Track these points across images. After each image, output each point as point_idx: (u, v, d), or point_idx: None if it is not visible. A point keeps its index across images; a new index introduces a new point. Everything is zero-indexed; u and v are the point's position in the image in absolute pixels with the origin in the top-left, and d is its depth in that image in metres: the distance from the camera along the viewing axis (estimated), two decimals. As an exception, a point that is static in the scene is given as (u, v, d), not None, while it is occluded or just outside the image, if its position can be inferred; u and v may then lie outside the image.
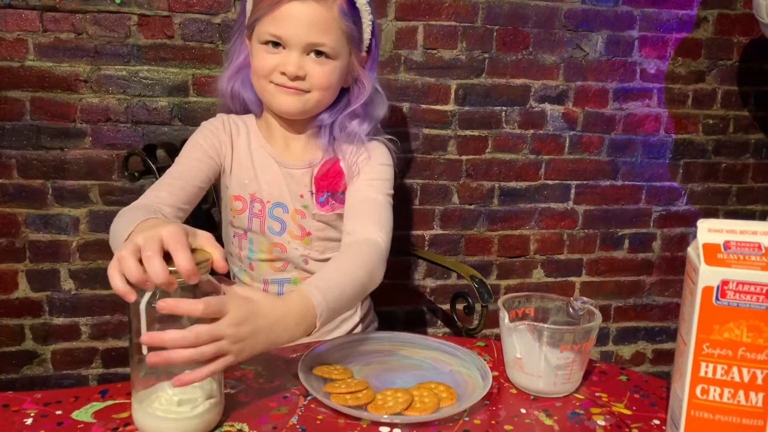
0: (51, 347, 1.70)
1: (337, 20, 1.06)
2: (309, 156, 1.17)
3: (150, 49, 1.59)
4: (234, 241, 1.19)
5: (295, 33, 1.04)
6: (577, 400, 0.79)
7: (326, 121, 1.15)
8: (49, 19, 1.53)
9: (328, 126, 1.15)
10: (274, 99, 1.09)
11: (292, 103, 1.09)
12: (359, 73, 1.14)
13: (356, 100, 1.15)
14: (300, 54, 1.05)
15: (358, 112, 1.15)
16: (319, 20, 1.04)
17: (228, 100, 1.19)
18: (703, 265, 0.62)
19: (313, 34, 1.04)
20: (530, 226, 1.89)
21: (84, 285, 1.68)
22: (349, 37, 1.09)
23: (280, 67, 1.06)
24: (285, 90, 1.07)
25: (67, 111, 1.59)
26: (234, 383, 0.80)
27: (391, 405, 0.73)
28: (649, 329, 2.05)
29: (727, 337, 0.62)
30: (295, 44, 1.04)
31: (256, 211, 1.14)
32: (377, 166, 1.16)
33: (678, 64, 1.87)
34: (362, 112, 1.16)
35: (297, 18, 1.03)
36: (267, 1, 1.04)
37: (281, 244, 1.15)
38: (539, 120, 1.82)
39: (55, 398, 0.75)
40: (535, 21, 1.75)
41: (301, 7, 1.03)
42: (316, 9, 1.03)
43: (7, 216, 1.61)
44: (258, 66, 1.08)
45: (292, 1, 1.02)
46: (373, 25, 1.14)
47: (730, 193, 2.00)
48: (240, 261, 1.19)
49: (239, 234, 1.17)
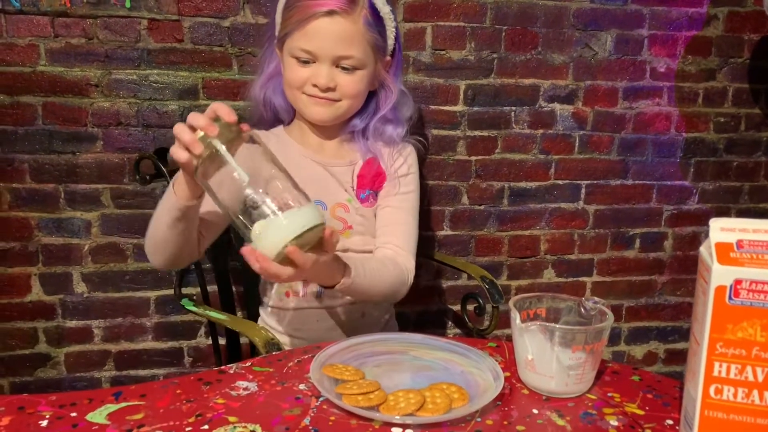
0: (64, 350, 1.72)
1: (363, 32, 1.11)
2: (347, 156, 1.23)
3: (160, 53, 1.60)
4: None
5: (325, 47, 1.09)
6: (590, 401, 0.79)
7: (359, 126, 1.22)
8: (60, 25, 1.55)
9: (361, 130, 1.22)
10: (307, 109, 1.15)
11: (324, 112, 1.15)
12: (385, 77, 1.20)
13: (384, 104, 1.21)
14: (330, 66, 1.11)
15: (389, 116, 1.22)
16: (346, 34, 1.09)
17: (261, 107, 1.25)
18: (716, 265, 0.62)
19: (341, 47, 1.10)
20: (540, 226, 1.89)
21: (96, 288, 1.69)
22: (374, 46, 1.15)
23: (311, 80, 1.11)
24: (317, 100, 1.13)
25: (79, 115, 1.60)
26: (246, 384, 0.80)
27: (403, 406, 0.73)
28: (661, 329, 2.04)
29: (740, 336, 0.62)
30: (325, 58, 1.10)
31: None
32: (411, 176, 1.25)
33: (688, 63, 1.86)
34: (393, 116, 1.23)
35: (325, 33, 1.08)
36: (296, 17, 1.09)
37: None
38: (549, 120, 1.82)
39: (69, 400, 0.76)
40: (543, 21, 1.75)
41: (329, 22, 1.08)
42: (343, 23, 1.08)
43: (20, 220, 1.63)
44: (291, 78, 1.14)
45: (321, 17, 1.07)
46: (396, 30, 1.19)
47: (742, 192, 1.99)
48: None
49: None
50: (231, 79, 1.64)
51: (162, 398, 0.76)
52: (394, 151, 1.24)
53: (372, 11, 1.12)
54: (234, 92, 1.64)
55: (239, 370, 0.85)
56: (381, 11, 1.14)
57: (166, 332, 1.75)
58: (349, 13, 1.09)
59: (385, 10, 1.15)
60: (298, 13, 1.08)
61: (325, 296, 1.19)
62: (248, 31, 1.62)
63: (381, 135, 1.22)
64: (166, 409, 0.74)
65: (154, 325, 1.74)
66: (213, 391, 0.78)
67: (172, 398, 0.77)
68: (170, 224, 0.97)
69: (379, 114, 1.21)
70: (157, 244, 1.02)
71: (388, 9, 1.15)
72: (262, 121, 1.27)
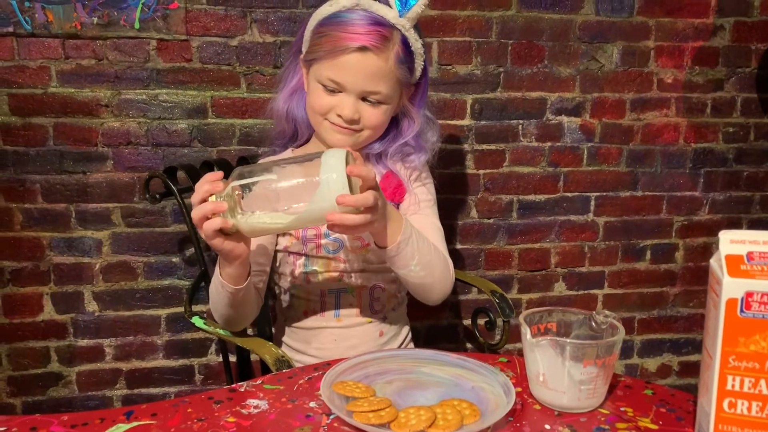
0: (76, 369, 1.72)
1: (393, 70, 1.10)
2: None
3: (169, 73, 1.62)
4: (289, 260, 1.20)
5: (354, 82, 1.08)
6: (602, 415, 0.78)
7: (376, 150, 1.20)
8: (71, 47, 1.57)
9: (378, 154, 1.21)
10: (328, 135, 1.14)
11: (345, 140, 1.14)
12: (408, 107, 1.19)
13: (407, 132, 1.20)
14: (355, 99, 1.10)
15: (411, 143, 1.21)
16: (376, 71, 1.08)
17: (283, 120, 1.23)
18: (726, 277, 0.61)
19: (370, 83, 1.08)
20: (550, 239, 1.88)
21: (107, 307, 1.70)
22: (402, 82, 1.14)
23: (336, 110, 1.10)
24: (339, 129, 1.12)
25: (89, 135, 1.62)
26: (257, 402, 0.80)
27: (414, 423, 0.72)
28: (674, 341, 2.02)
29: (753, 349, 0.62)
30: (352, 91, 1.09)
31: (310, 236, 1.16)
32: (429, 185, 1.26)
33: (695, 73, 1.86)
34: (416, 143, 1.21)
35: (356, 69, 1.07)
36: (328, 46, 1.07)
37: (338, 257, 1.17)
38: (556, 132, 1.82)
39: (81, 420, 0.76)
40: (549, 34, 1.75)
41: (361, 58, 1.06)
42: (374, 60, 1.07)
43: (32, 240, 1.64)
44: (315, 104, 1.12)
45: (353, 52, 1.06)
46: (425, 63, 1.17)
47: (753, 202, 1.98)
48: (294, 278, 1.21)
49: (294, 255, 1.19)
50: (239, 98, 1.65)
51: (173, 417, 0.76)
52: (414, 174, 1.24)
53: (404, 47, 1.10)
54: (242, 110, 1.65)
55: (250, 388, 0.85)
56: (412, 46, 1.12)
57: (176, 350, 1.75)
58: (382, 50, 1.07)
59: (417, 46, 1.12)
60: (330, 43, 1.07)
61: (343, 316, 1.19)
62: (256, 50, 1.63)
63: (402, 161, 1.22)
64: (177, 428, 0.74)
65: (164, 343, 1.74)
66: (224, 410, 0.78)
67: (183, 417, 0.76)
68: (230, 305, 1.03)
69: (400, 141, 1.20)
70: (226, 319, 1.09)
71: (420, 44, 1.13)
72: (281, 136, 1.26)
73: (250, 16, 1.62)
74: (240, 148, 1.67)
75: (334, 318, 1.19)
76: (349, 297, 1.19)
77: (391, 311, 1.24)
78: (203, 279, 1.42)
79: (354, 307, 1.19)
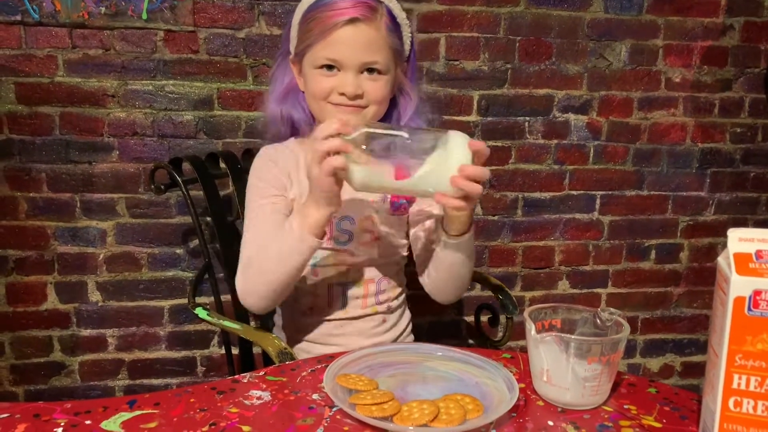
0: (78, 358, 1.73)
1: (385, 37, 1.11)
2: None
3: (176, 64, 1.62)
4: None
5: (350, 55, 1.09)
6: (606, 413, 0.78)
7: None
8: (78, 36, 1.57)
9: None
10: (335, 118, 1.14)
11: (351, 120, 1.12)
12: (404, 82, 1.20)
13: (405, 111, 1.21)
14: (355, 74, 1.10)
15: (411, 124, 1.20)
16: (370, 40, 1.10)
17: (278, 123, 1.24)
18: (734, 275, 0.61)
19: (366, 54, 1.10)
20: (555, 237, 1.88)
21: (111, 297, 1.70)
22: (395, 51, 1.15)
23: (338, 88, 1.11)
24: (344, 109, 1.12)
25: (95, 125, 1.62)
26: (260, 394, 0.80)
27: (417, 417, 0.72)
28: (677, 341, 2.02)
29: (760, 348, 0.61)
30: (351, 65, 1.10)
31: None
32: None
33: (704, 73, 1.85)
34: (415, 123, 1.21)
35: (351, 41, 1.08)
36: (318, 28, 1.09)
37: (348, 250, 1.17)
38: (563, 130, 1.81)
39: (84, 408, 0.76)
40: (558, 31, 1.75)
41: (354, 30, 1.08)
42: (366, 30, 1.09)
43: (36, 229, 1.64)
44: (316, 89, 1.13)
45: (344, 26, 1.07)
46: (411, 37, 1.20)
47: (759, 203, 1.97)
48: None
49: None
50: (246, 90, 1.65)
51: (176, 407, 0.76)
52: None
53: (390, 17, 1.13)
54: (249, 103, 1.65)
55: (253, 379, 0.85)
56: (398, 17, 1.15)
57: (179, 341, 1.76)
58: (372, 20, 1.09)
59: (402, 16, 1.16)
60: (320, 25, 1.09)
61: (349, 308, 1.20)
62: (263, 42, 1.63)
63: None
64: (180, 417, 0.74)
65: (167, 334, 1.75)
66: (227, 400, 0.78)
67: (185, 407, 0.77)
68: (301, 267, 1.04)
69: (404, 120, 1.21)
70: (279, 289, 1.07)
71: (404, 15, 1.17)
72: (278, 137, 1.27)
73: (258, 8, 1.61)
74: (246, 141, 1.67)
75: (340, 310, 1.19)
76: (355, 290, 1.19)
77: (394, 300, 1.25)
78: (207, 271, 1.42)
79: (360, 299, 1.20)
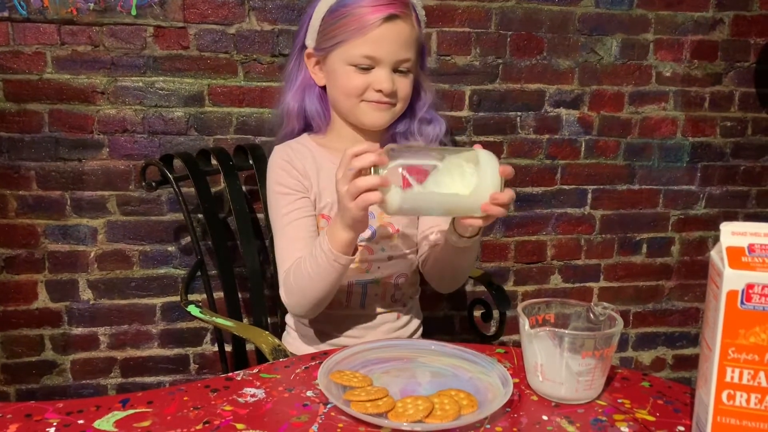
0: (70, 357, 1.72)
1: (417, 33, 1.13)
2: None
3: (166, 60, 1.60)
4: None
5: (390, 52, 1.10)
6: (600, 407, 0.78)
7: (401, 129, 1.22)
8: (67, 32, 1.55)
9: (402, 133, 1.22)
10: (366, 116, 1.15)
11: (384, 116, 1.15)
12: (421, 77, 1.22)
13: (424, 104, 1.23)
14: (389, 71, 1.11)
15: (427, 116, 1.23)
16: (408, 37, 1.11)
17: (294, 119, 1.24)
18: (727, 269, 0.61)
19: (402, 51, 1.11)
20: (547, 231, 1.88)
21: (102, 295, 1.69)
22: (419, 47, 1.16)
23: (374, 85, 1.11)
24: (378, 106, 1.13)
25: (85, 122, 1.60)
26: (253, 391, 0.80)
27: (412, 413, 0.72)
28: (668, 335, 2.03)
29: (753, 341, 0.61)
30: (387, 62, 1.10)
31: None
32: None
33: (694, 67, 1.85)
34: (431, 115, 1.24)
35: (390, 38, 1.09)
36: (355, 25, 1.08)
37: (368, 246, 1.17)
38: (554, 125, 1.82)
39: (76, 407, 0.75)
40: (549, 26, 1.75)
41: (393, 27, 1.09)
42: (404, 27, 1.10)
43: (26, 227, 1.63)
44: (349, 86, 1.12)
45: (384, 23, 1.07)
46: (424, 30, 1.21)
47: (749, 196, 1.98)
48: None
49: None
50: (236, 86, 1.64)
51: (169, 405, 0.76)
52: None
53: (415, 12, 1.15)
54: (239, 99, 1.64)
55: (246, 376, 0.84)
56: (419, 14, 1.16)
57: (172, 339, 1.75)
58: (408, 15, 1.10)
59: (422, 13, 1.17)
60: (355, 21, 1.08)
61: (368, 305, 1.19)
62: (254, 37, 1.62)
63: (423, 135, 1.22)
64: (174, 416, 0.74)
65: (160, 332, 1.74)
66: (220, 398, 0.78)
67: (179, 405, 0.76)
68: (337, 281, 1.04)
69: (419, 115, 1.22)
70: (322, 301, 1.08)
71: (423, 12, 1.18)
72: (291, 134, 1.25)
73: (248, 3, 1.60)
74: (237, 137, 1.66)
75: (359, 308, 1.19)
76: (375, 287, 1.19)
77: (409, 299, 1.25)
78: (199, 268, 1.42)
79: (378, 296, 1.20)
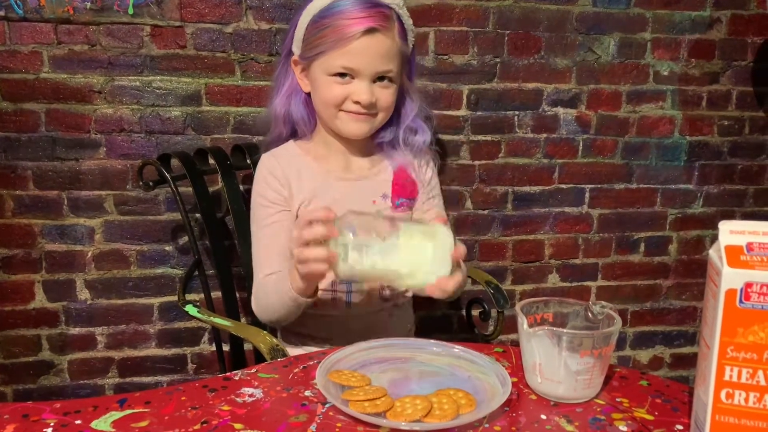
0: (67, 357, 1.71)
1: (398, 45, 1.13)
2: (376, 167, 1.24)
3: (163, 60, 1.60)
4: None
5: (368, 65, 1.10)
6: (598, 406, 0.78)
7: (387, 138, 1.23)
8: (63, 32, 1.55)
9: (389, 142, 1.23)
10: (345, 126, 1.15)
11: (362, 127, 1.16)
12: (407, 85, 1.22)
13: (410, 113, 1.22)
14: (369, 82, 1.11)
15: (413, 124, 1.23)
16: (386, 50, 1.11)
17: (281, 123, 1.24)
18: (726, 268, 0.61)
19: (382, 63, 1.11)
20: (545, 230, 1.88)
21: (100, 295, 1.69)
22: (404, 57, 1.16)
23: (353, 96, 1.12)
24: (357, 117, 1.14)
25: (82, 122, 1.60)
26: (251, 391, 0.80)
27: (410, 412, 0.72)
28: (666, 333, 2.03)
29: (751, 340, 0.61)
30: (366, 74, 1.11)
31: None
32: (436, 180, 1.30)
33: (692, 66, 1.85)
34: (417, 124, 1.24)
35: (368, 51, 1.09)
36: (333, 36, 1.09)
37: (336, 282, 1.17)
38: (552, 124, 1.82)
39: (74, 408, 0.75)
40: (546, 25, 1.74)
41: (371, 40, 1.09)
42: (383, 40, 1.10)
43: (23, 227, 1.63)
44: (328, 96, 1.13)
45: (362, 36, 1.07)
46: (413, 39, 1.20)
47: (746, 195, 1.98)
48: None
49: None
50: (234, 85, 1.64)
51: (167, 405, 0.76)
52: (422, 161, 1.26)
53: (400, 23, 1.14)
54: (237, 98, 1.64)
55: (244, 376, 0.84)
56: (405, 24, 1.16)
57: (169, 339, 1.75)
58: (388, 29, 1.10)
59: (409, 22, 1.17)
60: (335, 33, 1.08)
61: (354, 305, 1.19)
62: (251, 37, 1.62)
63: (409, 145, 1.23)
64: (171, 416, 0.74)
65: (157, 331, 1.74)
66: (218, 398, 0.78)
67: (177, 405, 0.76)
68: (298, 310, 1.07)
69: (405, 123, 1.22)
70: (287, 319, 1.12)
71: (411, 21, 1.17)
72: (279, 138, 1.26)
73: (246, 2, 1.60)
74: (234, 137, 1.66)
75: (345, 308, 1.19)
76: (359, 289, 1.18)
77: (401, 297, 1.25)
78: (196, 268, 1.41)
79: (364, 295, 1.19)
